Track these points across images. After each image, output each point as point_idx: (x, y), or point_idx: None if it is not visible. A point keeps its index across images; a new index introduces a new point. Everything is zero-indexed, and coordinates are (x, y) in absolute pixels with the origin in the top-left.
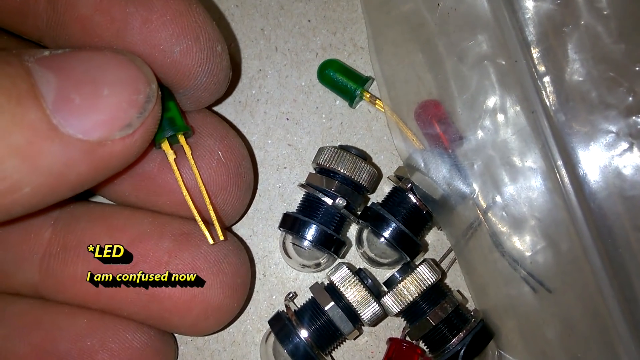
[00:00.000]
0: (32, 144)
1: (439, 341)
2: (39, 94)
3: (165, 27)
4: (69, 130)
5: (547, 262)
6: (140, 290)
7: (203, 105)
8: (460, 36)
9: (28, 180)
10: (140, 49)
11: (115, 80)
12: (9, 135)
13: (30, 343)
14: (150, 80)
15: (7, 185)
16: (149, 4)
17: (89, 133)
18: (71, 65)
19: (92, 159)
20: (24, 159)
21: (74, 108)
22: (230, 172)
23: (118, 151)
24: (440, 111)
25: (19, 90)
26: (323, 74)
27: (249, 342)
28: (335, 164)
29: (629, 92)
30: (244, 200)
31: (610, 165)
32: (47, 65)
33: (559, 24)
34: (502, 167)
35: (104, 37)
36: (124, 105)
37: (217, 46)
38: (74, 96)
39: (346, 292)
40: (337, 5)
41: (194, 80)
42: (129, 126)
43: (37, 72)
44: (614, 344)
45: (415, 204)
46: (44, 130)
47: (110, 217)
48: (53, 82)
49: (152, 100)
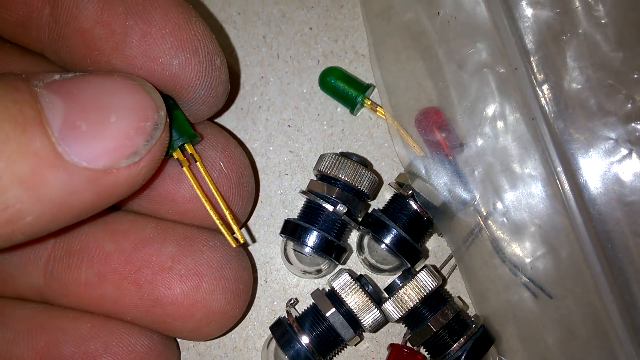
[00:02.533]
0: (36, 173)
1: (440, 347)
2: (45, 121)
3: (164, 40)
4: (74, 158)
5: (547, 268)
6: (143, 295)
7: (202, 118)
8: (461, 44)
9: (31, 209)
10: (139, 61)
11: (123, 107)
12: (13, 164)
13: (35, 347)
14: (159, 106)
15: (9, 214)
16: (149, 17)
17: (95, 161)
18: (79, 90)
19: (97, 188)
20: (27, 188)
21: (80, 135)
22: (232, 182)
23: (123, 179)
24: (440, 118)
25: (26, 117)
26: (324, 81)
27: (251, 348)
28: (337, 170)
29: (627, 99)
30: (245, 209)
31: (610, 171)
32: (56, 91)
33: (558, 32)
34: (503, 174)
35: (104, 50)
36: (131, 132)
37: (216, 59)
38: (80, 123)
39: (347, 299)
40: (338, 13)
41: (192, 93)
42: (135, 154)
43: (45, 98)
44: (614, 349)
45: (416, 210)
46: (48, 158)
47: (114, 221)
48: (60, 108)
49: (160, 127)
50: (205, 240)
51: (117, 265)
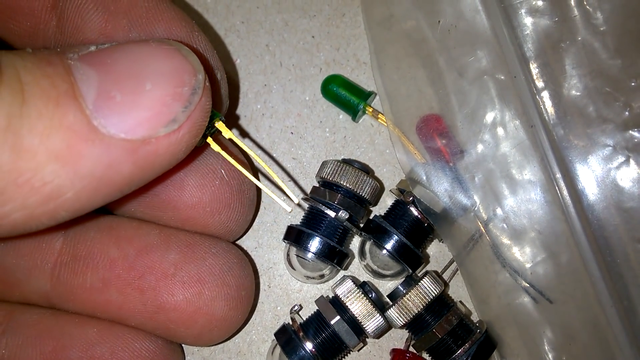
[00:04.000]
0: (72, 148)
1: (444, 352)
2: (79, 93)
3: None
4: (111, 130)
5: (547, 273)
6: (147, 301)
7: None
8: (461, 52)
9: (70, 185)
10: None
11: (158, 73)
12: (47, 139)
13: (42, 352)
14: (197, 69)
15: (48, 190)
16: (152, 30)
17: (132, 132)
18: (113, 60)
19: (137, 159)
20: (64, 163)
21: (115, 106)
22: (234, 189)
23: (164, 148)
24: (441, 125)
25: (58, 91)
26: (327, 89)
27: (254, 353)
28: (339, 177)
29: (625, 106)
30: (247, 216)
31: (608, 177)
32: (90, 62)
33: (557, 40)
34: (502, 180)
35: None
36: (168, 99)
37: (217, 73)
38: (115, 93)
39: (351, 306)
40: (340, 21)
41: None
42: (174, 121)
43: (78, 70)
44: (614, 354)
45: (417, 216)
46: (83, 132)
47: (119, 228)
48: (94, 80)
49: (199, 92)
50: (208, 247)
51: (121, 271)
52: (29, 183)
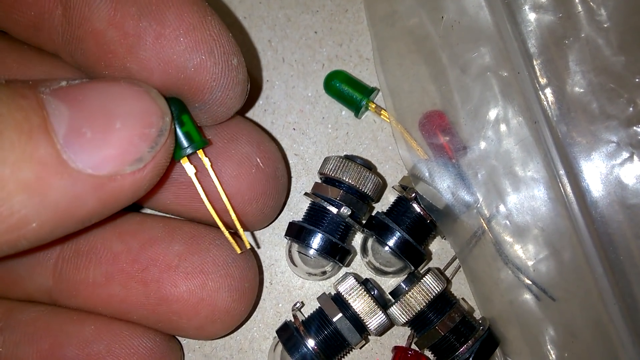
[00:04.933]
0: (41, 180)
1: (447, 350)
2: (51, 127)
3: (178, 42)
4: (79, 164)
5: (550, 271)
6: (150, 293)
7: (220, 120)
8: (464, 48)
9: (35, 215)
10: (153, 64)
11: (129, 113)
12: (19, 170)
13: (39, 349)
14: (164, 112)
15: (14, 220)
16: (162, 18)
17: (99, 168)
18: (85, 97)
19: (101, 194)
20: (32, 194)
21: (84, 142)
22: (269, 177)
23: (128, 185)
24: (444, 121)
25: (31, 124)
26: (329, 85)
27: (256, 350)
28: (341, 173)
29: (629, 103)
30: (281, 202)
31: (612, 174)
32: (62, 97)
33: (560, 36)
34: (505, 177)
35: (118, 53)
36: (136, 138)
37: (233, 59)
38: (86, 130)
39: (353, 303)
40: (343, 17)
41: (209, 95)
42: (139, 160)
43: (51, 105)
44: (617, 351)
45: (420, 213)
46: (53, 165)
47: (122, 222)
48: (65, 115)
49: (165, 134)
50: (212, 239)
51: (124, 265)
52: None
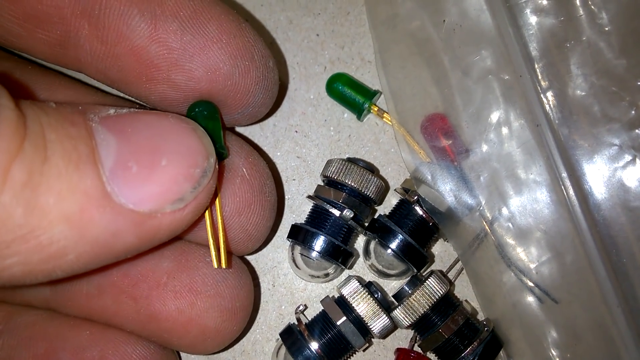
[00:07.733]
0: (84, 212)
1: (451, 352)
2: (99, 159)
3: (222, 51)
4: (122, 199)
5: (552, 273)
6: (140, 309)
7: (257, 118)
8: (466, 51)
9: (74, 247)
10: (200, 74)
11: (175, 151)
12: (63, 200)
13: (35, 354)
14: (209, 153)
15: (53, 250)
16: (204, 30)
17: (141, 204)
18: (133, 128)
19: (140, 231)
20: (73, 225)
21: (130, 177)
22: (255, 189)
23: (166, 224)
24: (446, 124)
25: (79, 153)
26: (331, 88)
27: (259, 352)
28: (343, 176)
29: (631, 106)
30: (267, 222)
31: (614, 177)
32: (110, 127)
33: (562, 39)
34: (508, 180)
35: (161, 67)
36: (180, 178)
37: (269, 62)
38: (132, 164)
39: (357, 306)
40: (345, 20)
41: (252, 98)
42: (181, 200)
43: (99, 135)
44: (619, 354)
45: (422, 216)
46: (97, 198)
47: None
48: (113, 146)
49: (208, 175)
50: (202, 256)
51: (115, 279)
52: (37, 240)
